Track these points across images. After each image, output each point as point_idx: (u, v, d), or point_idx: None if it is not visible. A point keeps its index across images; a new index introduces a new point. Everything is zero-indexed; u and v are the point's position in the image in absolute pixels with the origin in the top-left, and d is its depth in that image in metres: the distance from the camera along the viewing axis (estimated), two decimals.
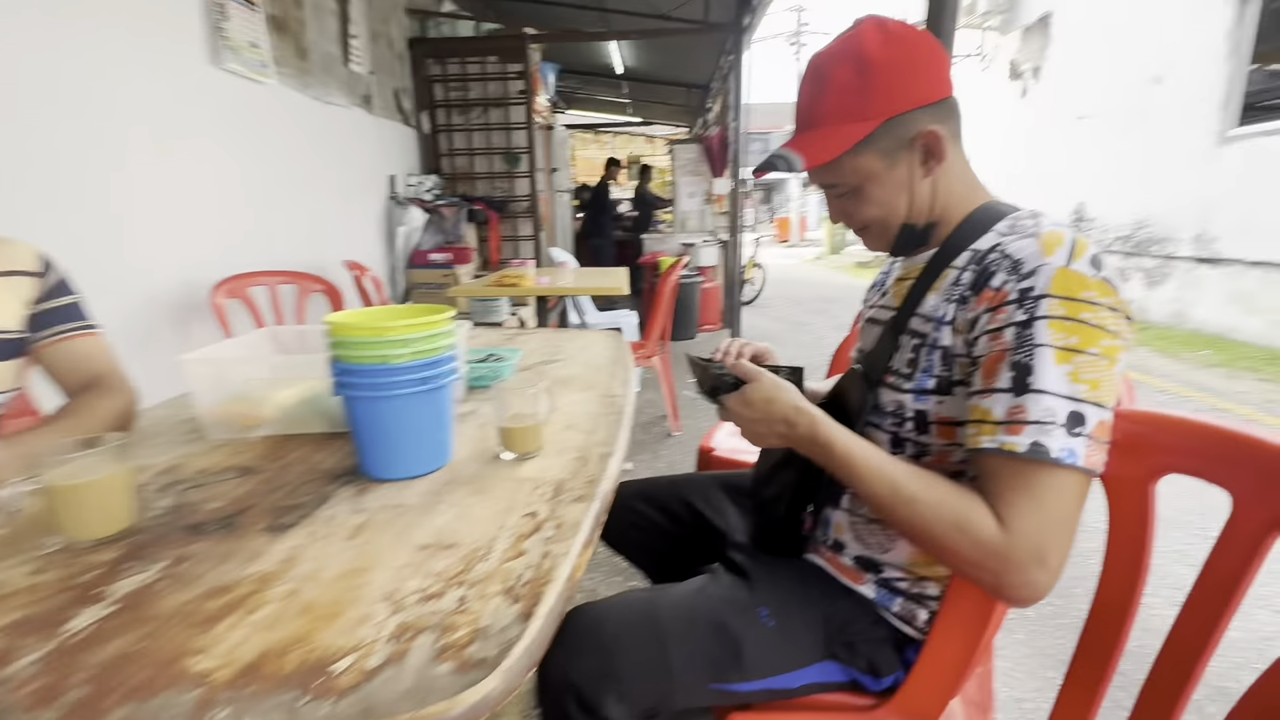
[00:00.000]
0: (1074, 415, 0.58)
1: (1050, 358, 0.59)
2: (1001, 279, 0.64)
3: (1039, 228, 0.67)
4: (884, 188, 0.74)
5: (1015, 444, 0.58)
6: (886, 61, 0.69)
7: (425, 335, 0.73)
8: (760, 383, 0.75)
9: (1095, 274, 0.61)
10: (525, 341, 1.57)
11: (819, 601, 0.78)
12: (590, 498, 0.69)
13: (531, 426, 0.81)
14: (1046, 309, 0.60)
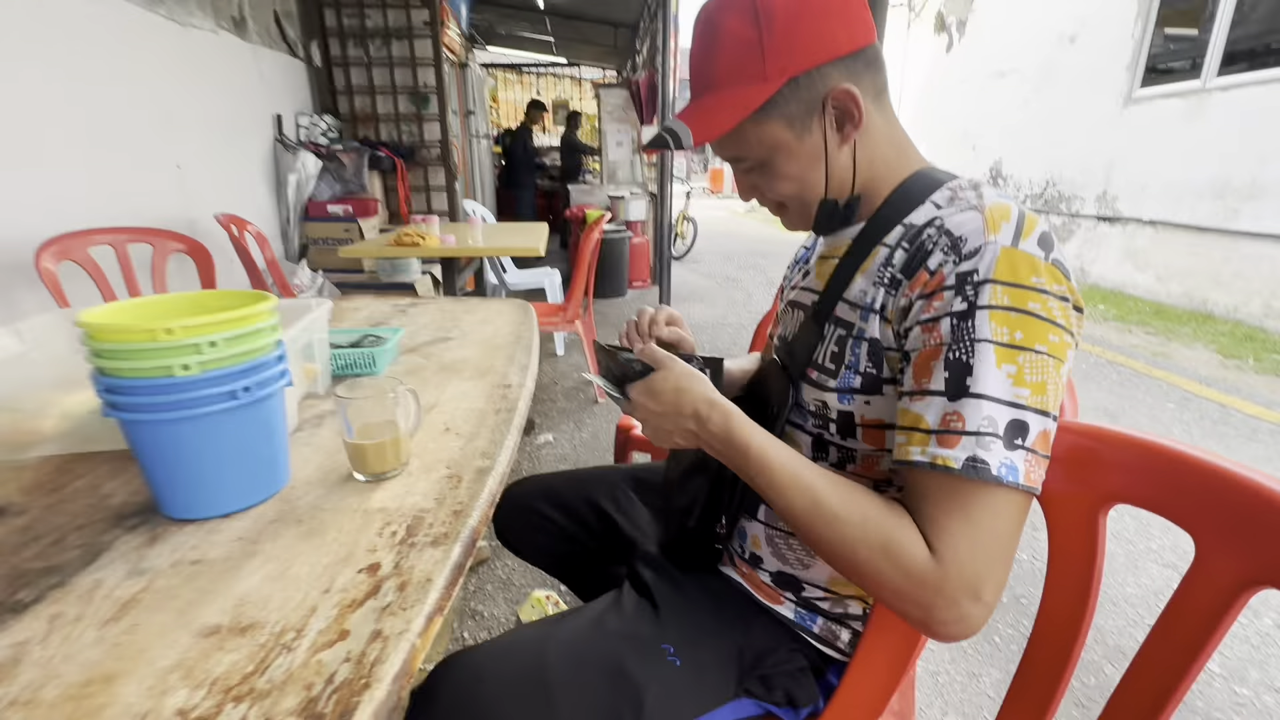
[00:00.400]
0: (1015, 424, 0.50)
1: (991, 356, 0.50)
2: (938, 260, 0.54)
3: (982, 200, 0.57)
4: (795, 160, 0.62)
5: (949, 459, 0.50)
6: (786, 9, 0.57)
7: (230, 336, 0.56)
8: (669, 370, 0.63)
9: (1045, 256, 0.52)
10: (417, 315, 1.39)
11: (732, 629, 0.69)
12: (452, 538, 0.56)
13: (389, 442, 0.66)
14: (989, 297, 0.51)
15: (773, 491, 0.57)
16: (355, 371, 1.00)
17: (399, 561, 0.53)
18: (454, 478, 0.67)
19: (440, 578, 0.51)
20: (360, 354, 1.00)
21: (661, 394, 0.62)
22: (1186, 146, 4.38)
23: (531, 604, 1.43)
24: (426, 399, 0.90)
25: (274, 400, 0.62)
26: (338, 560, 0.53)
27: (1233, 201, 4.06)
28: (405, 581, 0.50)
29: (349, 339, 1.08)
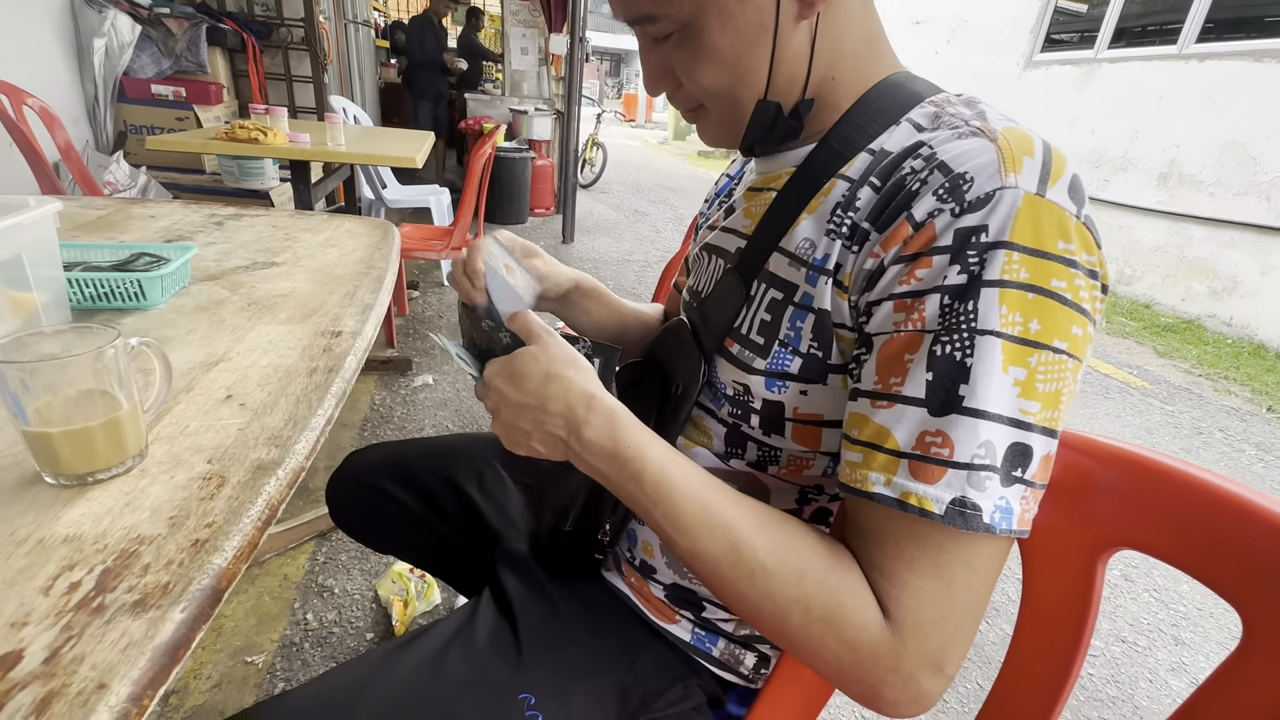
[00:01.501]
0: (1016, 450, 0.36)
1: (995, 356, 0.35)
2: (929, 206, 0.38)
3: (988, 121, 0.40)
4: (731, 27, 0.43)
5: (928, 500, 0.36)
6: None
7: None
8: (542, 349, 0.45)
9: (1077, 213, 0.37)
10: (238, 231, 1.08)
11: (614, 661, 0.55)
12: (173, 595, 0.35)
13: (99, 426, 0.42)
14: (1001, 269, 0.35)
15: (674, 529, 0.41)
16: (114, 305, 0.72)
17: (60, 646, 0.32)
18: (214, 479, 0.45)
19: (125, 681, 0.30)
20: (121, 279, 0.72)
21: (526, 379, 0.44)
22: (1074, 114, 4.60)
23: (391, 578, 1.23)
24: (213, 350, 0.65)
25: None
26: None
27: (1106, 172, 4.34)
28: (55, 690, 0.29)
29: (114, 258, 0.78)
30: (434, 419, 1.95)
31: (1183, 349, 3.33)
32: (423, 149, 2.08)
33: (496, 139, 2.29)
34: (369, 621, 1.20)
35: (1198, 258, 3.79)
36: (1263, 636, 0.30)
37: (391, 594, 1.20)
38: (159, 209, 1.16)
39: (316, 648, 1.14)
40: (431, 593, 1.23)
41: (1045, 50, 4.97)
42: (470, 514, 0.75)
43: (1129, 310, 3.90)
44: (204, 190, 2.73)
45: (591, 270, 3.66)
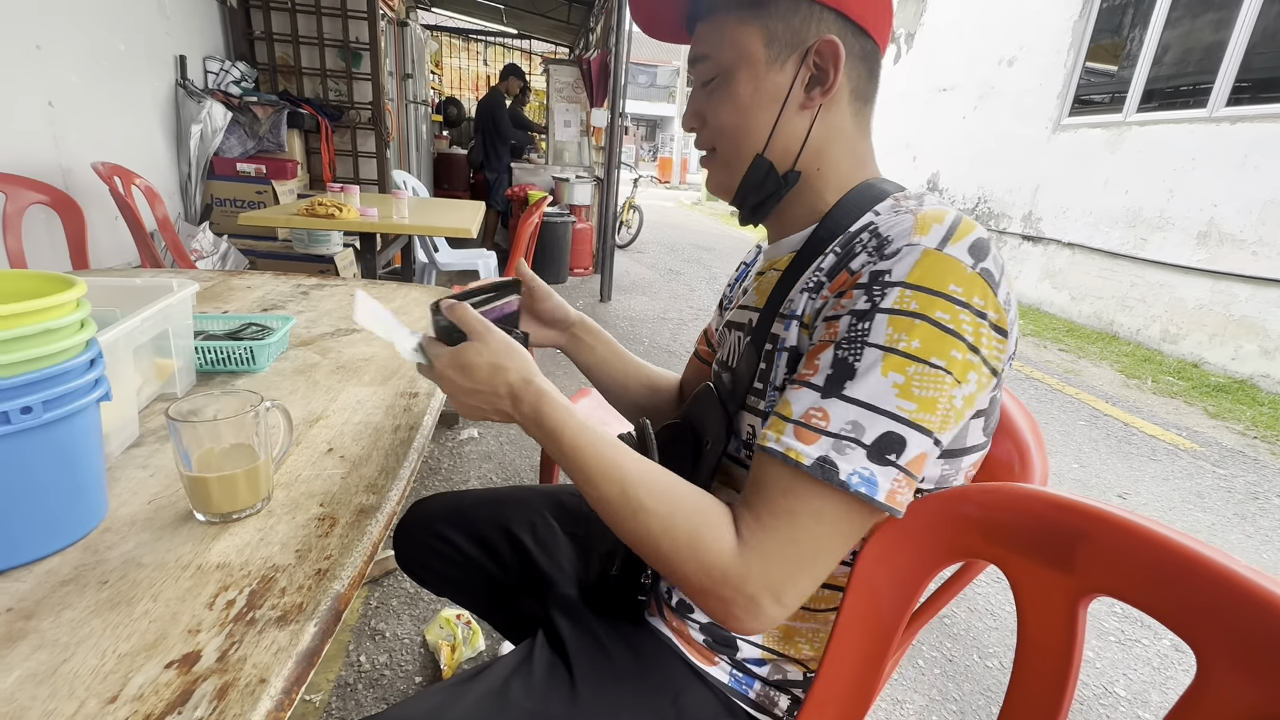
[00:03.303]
0: (890, 437, 0.45)
1: (877, 361, 0.46)
2: (861, 260, 0.50)
3: (920, 206, 0.51)
4: (754, 86, 0.57)
5: (801, 454, 0.46)
6: None
7: (8, 337, 0.41)
8: (485, 343, 0.56)
9: (973, 264, 0.46)
10: (321, 299, 1.22)
11: (659, 699, 0.60)
12: (308, 612, 0.44)
13: (242, 474, 0.52)
14: (893, 300, 0.46)
15: (582, 479, 0.53)
16: (229, 369, 0.85)
17: (228, 649, 0.40)
18: (327, 520, 0.55)
19: (280, 677, 0.39)
20: (236, 348, 0.84)
21: (475, 370, 0.55)
22: (1105, 175, 4.64)
23: (439, 624, 1.30)
24: (313, 408, 0.76)
25: (79, 420, 0.47)
26: (142, 647, 0.40)
27: (1142, 231, 4.33)
28: (229, 683, 0.38)
29: (226, 328, 0.91)
30: (479, 471, 2.04)
31: (1235, 410, 3.23)
32: (476, 219, 2.26)
33: (543, 207, 2.47)
34: (418, 665, 1.26)
35: (1245, 316, 3.71)
36: (1213, 669, 0.35)
37: (439, 639, 1.26)
38: (254, 280, 1.32)
39: (369, 689, 1.20)
40: (476, 639, 1.29)
41: (1073, 114, 5.06)
42: (524, 560, 0.82)
43: (1175, 369, 3.81)
44: (276, 256, 2.98)
45: (628, 328, 3.79)
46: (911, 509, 0.53)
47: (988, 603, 1.66)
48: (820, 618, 0.60)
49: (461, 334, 0.57)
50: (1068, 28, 5.06)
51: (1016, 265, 5.48)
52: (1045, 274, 5.18)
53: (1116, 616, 1.64)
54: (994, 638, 1.53)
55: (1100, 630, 1.58)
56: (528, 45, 8.93)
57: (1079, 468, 2.50)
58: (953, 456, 0.54)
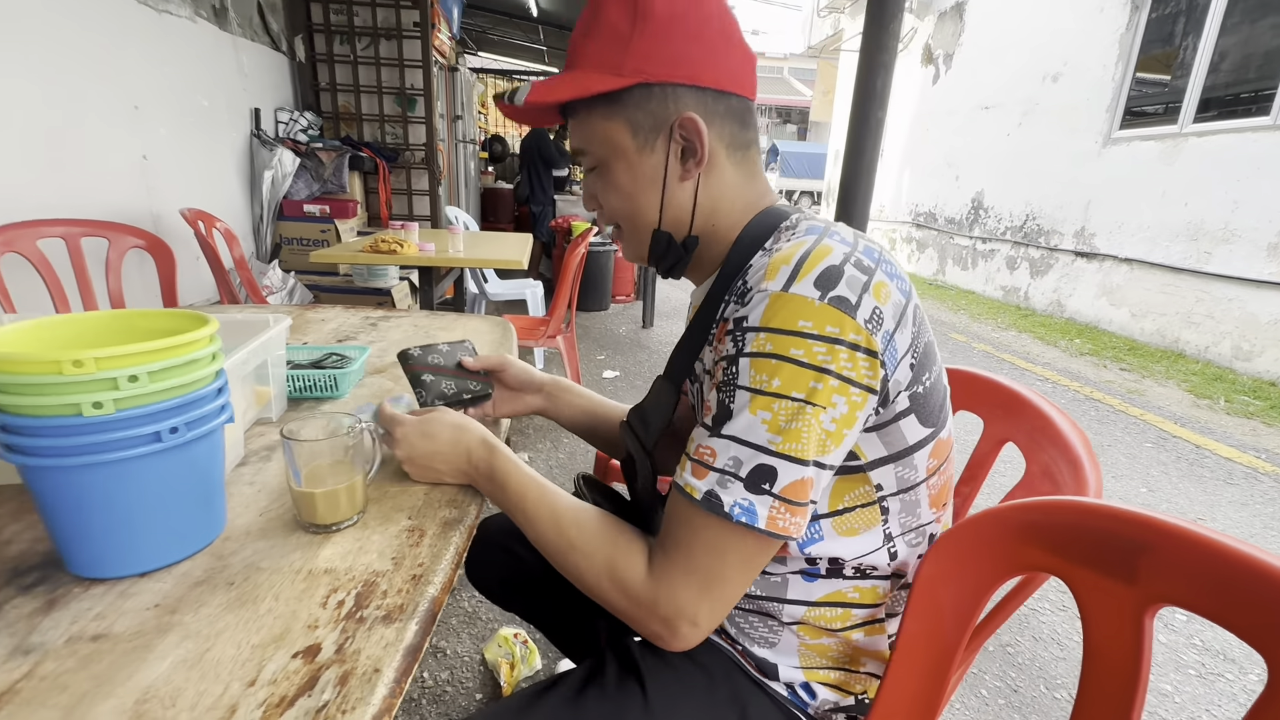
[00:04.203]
0: (762, 469, 0.50)
1: (746, 402, 0.50)
2: (731, 309, 0.56)
3: (779, 244, 0.56)
4: (632, 173, 0.61)
5: (695, 488, 0.52)
6: (662, 15, 0.56)
7: (156, 368, 0.48)
8: (440, 416, 0.67)
9: (820, 297, 0.49)
10: (389, 330, 1.30)
11: (726, 712, 0.62)
12: (409, 613, 0.48)
13: (343, 489, 0.58)
14: (751, 344, 0.51)
15: (525, 521, 0.61)
16: (315, 395, 0.92)
17: (343, 643, 0.45)
18: (415, 531, 0.60)
19: (390, 668, 0.43)
20: (322, 376, 0.92)
21: (437, 437, 0.65)
22: (1162, 188, 4.48)
23: (498, 642, 1.34)
24: None
25: (210, 440, 0.54)
26: (270, 639, 0.45)
27: (1206, 244, 4.15)
28: (348, 672, 0.42)
29: (310, 357, 0.99)
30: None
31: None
32: (525, 252, 2.36)
33: (589, 237, 2.56)
34: (477, 683, 1.30)
35: None
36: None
37: (498, 657, 1.30)
38: (327, 314, 1.42)
39: (432, 704, 1.24)
40: (533, 658, 1.32)
41: (1124, 127, 4.93)
42: None
43: (1251, 388, 3.60)
44: (338, 290, 3.16)
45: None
46: (970, 525, 0.55)
47: (1053, 632, 1.60)
48: (842, 636, 0.62)
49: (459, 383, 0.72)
50: (1114, 41, 4.96)
51: (1070, 282, 5.31)
52: (1102, 291, 5.00)
53: (1196, 649, 1.55)
54: (1061, 668, 1.47)
55: (1179, 664, 1.50)
56: None
57: (1148, 492, 2.39)
58: (900, 457, 0.56)
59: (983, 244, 6.46)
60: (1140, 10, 4.79)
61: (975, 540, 0.53)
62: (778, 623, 0.63)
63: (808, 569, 0.61)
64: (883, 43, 0.95)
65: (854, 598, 0.61)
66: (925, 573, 0.56)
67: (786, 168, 17.25)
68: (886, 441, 0.55)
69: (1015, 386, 0.74)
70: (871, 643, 0.63)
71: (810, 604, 0.61)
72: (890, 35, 0.96)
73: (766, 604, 0.63)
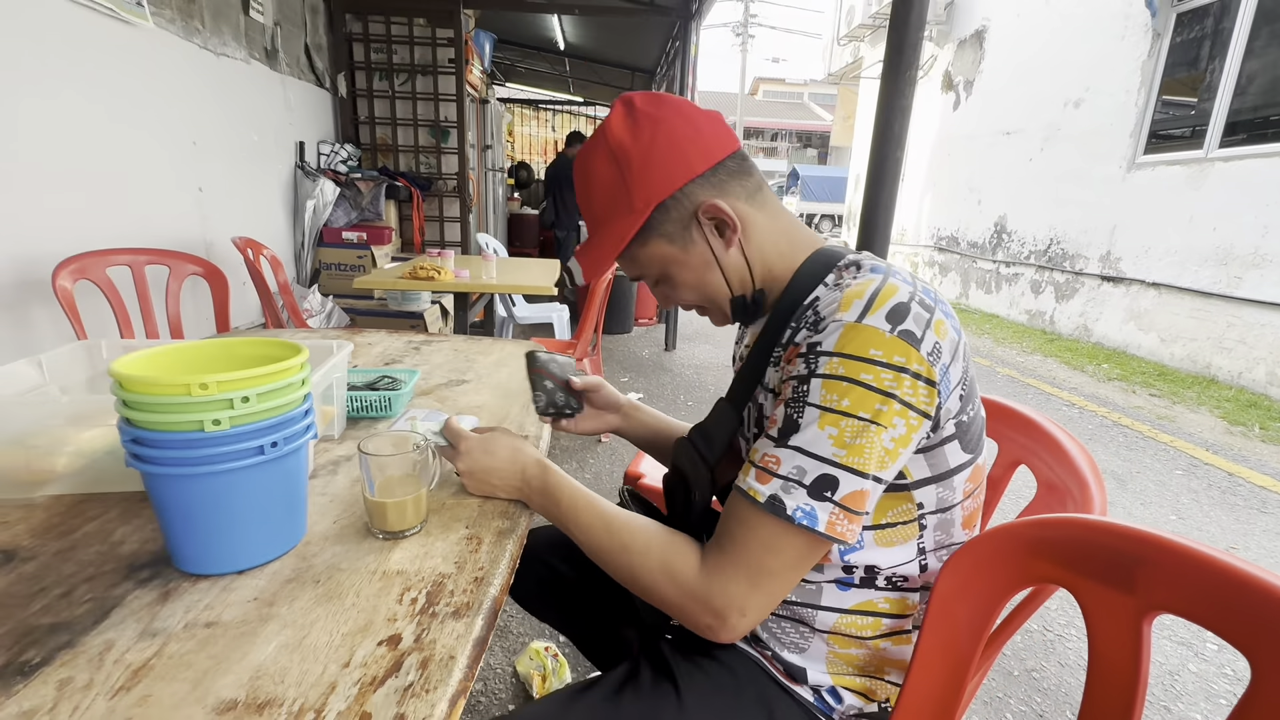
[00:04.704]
0: (825, 479, 0.55)
1: (815, 418, 0.56)
2: (803, 335, 0.61)
3: (849, 280, 0.61)
4: (688, 269, 0.69)
5: (758, 492, 0.57)
6: (637, 148, 0.64)
7: (262, 391, 0.55)
8: (501, 434, 0.75)
9: (890, 329, 0.55)
10: (430, 354, 1.39)
11: (756, 712, 0.67)
12: (475, 609, 0.54)
13: (410, 500, 0.65)
14: (824, 367, 0.56)
15: (579, 531, 0.67)
16: (371, 415, 0.99)
17: (420, 634, 0.51)
18: (473, 539, 0.66)
19: (463, 655, 0.49)
20: (378, 397, 0.99)
21: (497, 452, 0.73)
22: (1190, 213, 4.46)
23: (529, 655, 1.38)
24: None
25: (298, 454, 0.61)
26: (357, 629, 0.51)
27: (1236, 269, 4.11)
28: (427, 658, 0.48)
29: (365, 380, 1.07)
30: None
31: None
32: (554, 277, 2.45)
33: None
34: (510, 694, 1.35)
35: None
36: (1268, 676, 0.40)
37: (530, 669, 1.34)
38: (373, 338, 1.51)
39: (467, 714, 1.29)
40: (564, 671, 1.37)
41: (1149, 152, 4.92)
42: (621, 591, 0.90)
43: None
44: (373, 313, 3.29)
45: (693, 375, 3.88)
46: (983, 539, 0.59)
47: (1079, 657, 1.59)
48: (871, 645, 0.66)
49: (566, 397, 0.78)
50: (1136, 67, 4.98)
51: (1097, 307, 5.26)
52: (1130, 315, 4.95)
53: (1227, 679, 1.54)
54: None
55: (1209, 693, 1.49)
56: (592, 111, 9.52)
57: (1177, 519, 2.36)
58: (942, 479, 0.62)
59: (1006, 268, 6.44)
60: (1162, 37, 4.81)
61: (989, 553, 0.58)
62: (809, 629, 0.67)
63: (843, 577, 0.65)
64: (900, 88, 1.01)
65: (884, 607, 0.65)
66: (942, 583, 0.60)
67: (807, 191, 17.33)
68: (932, 464, 0.61)
69: (1027, 412, 0.79)
70: (899, 652, 0.67)
71: (843, 611, 0.66)
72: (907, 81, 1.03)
73: (801, 610, 0.67)
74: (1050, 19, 5.91)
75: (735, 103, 22.93)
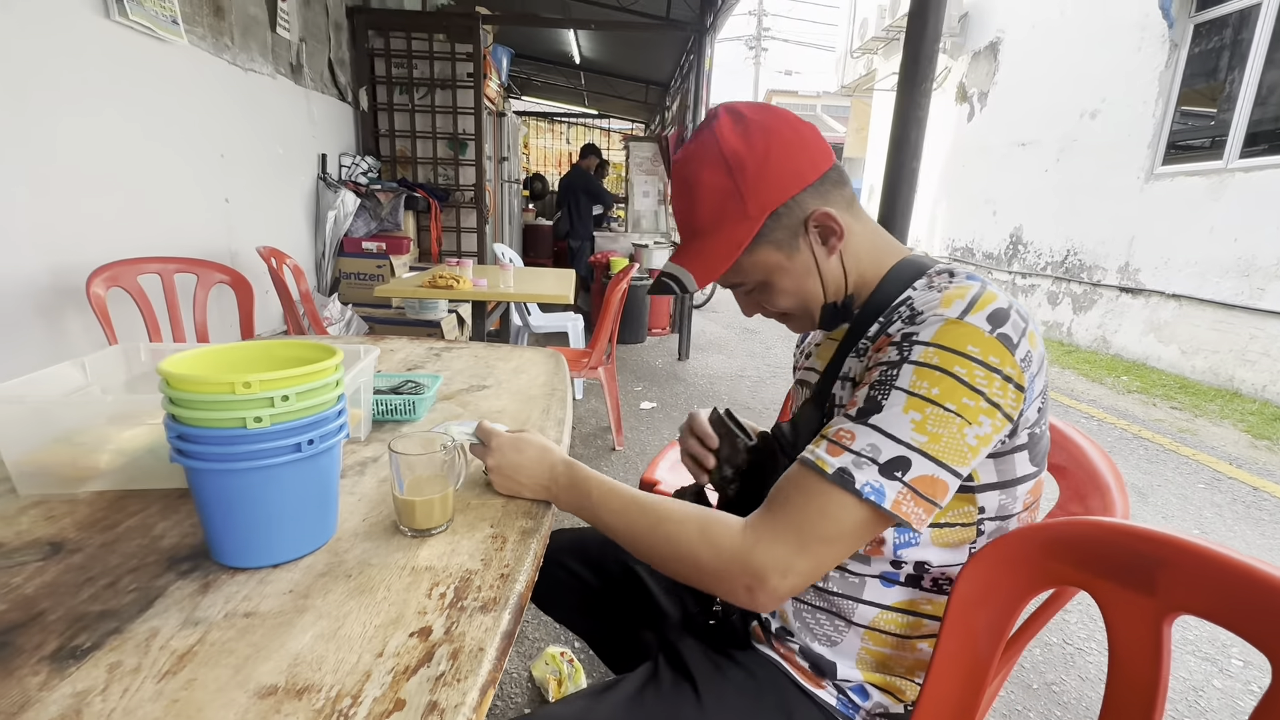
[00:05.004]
0: (899, 460, 0.55)
1: (900, 402, 0.56)
2: (897, 327, 0.62)
3: (948, 284, 0.62)
4: (791, 276, 0.69)
5: (827, 463, 0.57)
6: (753, 156, 0.65)
7: (301, 390, 0.57)
8: (531, 436, 0.77)
9: (990, 330, 0.56)
10: (451, 360, 1.41)
11: (775, 714, 0.67)
12: (501, 604, 0.56)
13: (438, 499, 0.67)
14: (919, 355, 0.57)
15: (612, 516, 0.68)
16: (395, 418, 1.02)
17: (450, 627, 0.53)
18: (498, 538, 0.67)
19: (492, 647, 0.50)
20: (402, 401, 1.01)
21: (526, 451, 0.74)
22: (1210, 224, 4.41)
23: (545, 660, 1.39)
24: None
25: (332, 453, 0.63)
26: (389, 621, 0.53)
27: (1258, 280, 4.05)
28: (457, 649, 0.50)
29: (389, 384, 1.10)
30: None
31: None
32: (570, 286, 2.48)
33: (632, 273, 2.67)
34: (525, 699, 1.35)
35: None
36: None
37: (546, 674, 1.35)
38: (395, 344, 1.54)
39: None
40: (579, 676, 1.37)
41: (1167, 163, 4.88)
42: (639, 591, 0.92)
43: None
44: (391, 321, 3.33)
45: (707, 385, 3.89)
46: (1005, 541, 0.60)
47: (1099, 671, 1.57)
48: (908, 644, 0.67)
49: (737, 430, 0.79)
50: (1154, 78, 4.96)
51: (1115, 319, 5.20)
52: (1150, 327, 4.89)
53: (1253, 695, 1.51)
54: None
55: (1235, 709, 1.46)
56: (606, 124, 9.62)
57: (1200, 534, 2.32)
58: (1006, 486, 0.62)
59: (1022, 279, 6.39)
60: (1180, 48, 4.79)
61: (1009, 555, 0.58)
62: (845, 622, 0.68)
63: (889, 573, 0.66)
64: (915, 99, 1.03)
65: (926, 609, 0.66)
66: (962, 584, 0.61)
67: None
68: (1000, 470, 0.61)
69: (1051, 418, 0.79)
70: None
71: (883, 607, 0.66)
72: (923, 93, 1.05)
73: (840, 601, 0.68)
74: (1065, 31, 5.90)
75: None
